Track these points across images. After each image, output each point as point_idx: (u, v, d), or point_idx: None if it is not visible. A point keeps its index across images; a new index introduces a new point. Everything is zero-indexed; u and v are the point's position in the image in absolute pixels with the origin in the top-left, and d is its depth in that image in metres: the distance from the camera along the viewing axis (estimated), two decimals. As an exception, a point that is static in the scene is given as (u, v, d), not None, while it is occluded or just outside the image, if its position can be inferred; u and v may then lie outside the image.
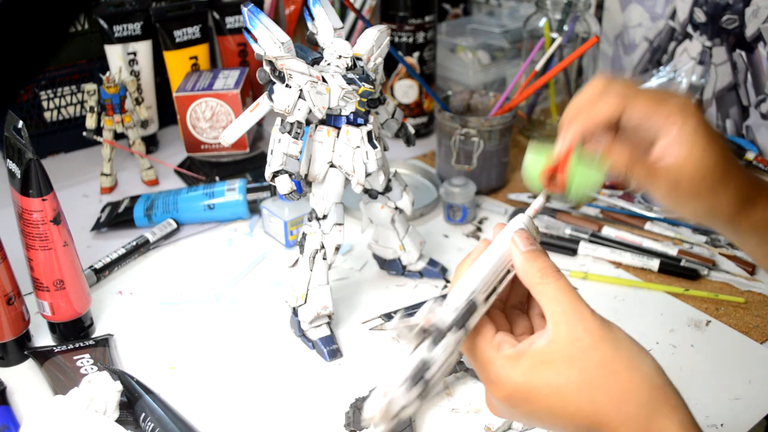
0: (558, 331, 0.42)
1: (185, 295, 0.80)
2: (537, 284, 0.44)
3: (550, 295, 0.43)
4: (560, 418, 0.42)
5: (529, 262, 0.45)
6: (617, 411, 0.41)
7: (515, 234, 0.46)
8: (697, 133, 0.47)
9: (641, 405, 0.40)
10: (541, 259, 0.45)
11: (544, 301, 0.44)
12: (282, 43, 0.63)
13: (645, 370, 0.41)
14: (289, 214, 0.86)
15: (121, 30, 1.02)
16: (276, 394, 0.67)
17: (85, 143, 1.10)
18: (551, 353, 0.42)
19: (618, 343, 0.42)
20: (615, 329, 0.43)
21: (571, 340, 0.42)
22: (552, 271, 0.44)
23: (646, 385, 0.41)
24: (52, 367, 0.68)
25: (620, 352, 0.41)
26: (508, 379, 0.43)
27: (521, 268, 0.45)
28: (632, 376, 0.41)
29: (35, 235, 0.67)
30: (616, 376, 0.41)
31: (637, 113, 0.48)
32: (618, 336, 0.42)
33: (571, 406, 0.42)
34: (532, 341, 0.44)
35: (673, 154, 0.47)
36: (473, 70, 1.17)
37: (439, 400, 0.66)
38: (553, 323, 0.43)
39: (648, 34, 1.12)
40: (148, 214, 0.91)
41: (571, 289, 0.43)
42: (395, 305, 0.76)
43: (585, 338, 0.42)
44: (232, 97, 0.96)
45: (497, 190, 1.00)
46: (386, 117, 0.74)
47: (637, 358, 0.42)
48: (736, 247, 0.84)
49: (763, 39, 0.96)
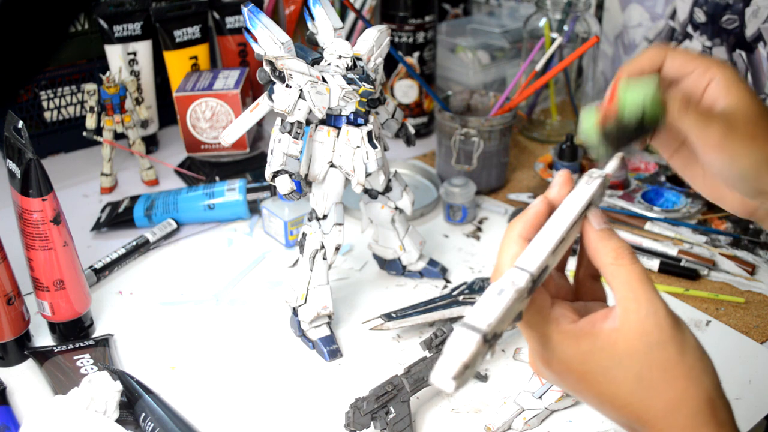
0: (627, 320, 0.40)
1: (185, 295, 0.80)
2: (610, 265, 0.42)
3: (622, 278, 0.41)
4: (607, 405, 0.41)
5: (604, 241, 0.43)
6: (665, 416, 0.40)
7: (588, 212, 0.44)
8: (740, 80, 0.46)
9: (690, 416, 0.39)
10: (615, 238, 0.43)
11: (616, 284, 0.41)
12: (282, 43, 0.63)
13: (704, 381, 0.40)
14: (289, 214, 0.86)
15: (121, 30, 1.02)
16: (276, 394, 0.67)
17: (85, 143, 1.10)
18: (615, 342, 0.40)
19: (685, 347, 0.40)
20: (685, 331, 0.41)
21: (639, 333, 0.40)
22: (627, 253, 0.42)
23: (701, 398, 0.40)
24: (52, 367, 0.68)
25: (685, 357, 0.40)
26: (564, 357, 0.42)
27: (595, 246, 0.43)
28: (689, 385, 0.40)
29: (35, 235, 0.67)
30: (674, 382, 0.40)
31: (677, 61, 0.47)
32: (687, 339, 0.41)
33: (622, 399, 0.41)
34: (595, 322, 0.42)
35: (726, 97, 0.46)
36: (473, 70, 1.17)
37: (439, 400, 0.66)
38: (623, 310, 0.41)
39: (648, 34, 1.12)
40: (148, 214, 0.91)
41: (647, 276, 0.41)
42: (395, 305, 0.76)
43: (654, 334, 0.40)
44: (232, 97, 0.96)
45: (497, 190, 1.00)
46: (386, 117, 0.74)
47: (699, 368, 0.40)
48: (736, 247, 0.84)
49: (763, 39, 0.96)
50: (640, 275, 0.41)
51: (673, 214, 0.89)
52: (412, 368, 0.63)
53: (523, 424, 0.62)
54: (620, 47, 1.18)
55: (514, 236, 0.43)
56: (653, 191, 0.93)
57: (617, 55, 1.19)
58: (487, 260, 0.85)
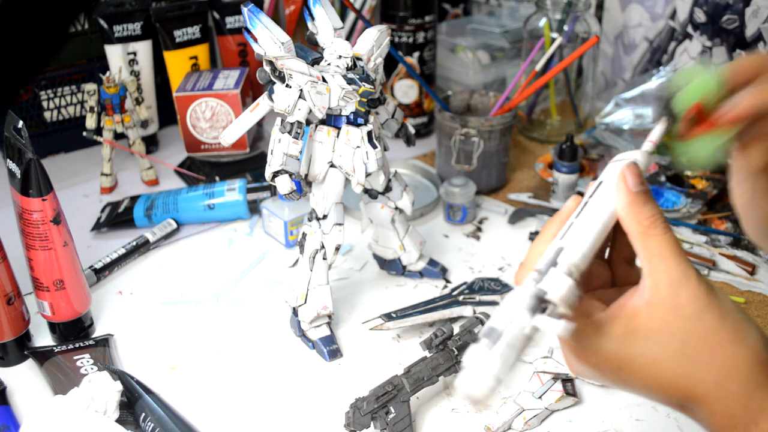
0: (659, 294, 0.38)
1: (185, 295, 0.80)
2: (641, 234, 0.39)
3: (654, 249, 0.39)
4: (652, 389, 0.40)
5: (638, 206, 0.40)
6: (716, 387, 0.38)
7: (626, 168, 0.41)
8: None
9: (743, 381, 0.37)
10: (650, 204, 0.40)
11: (648, 255, 0.39)
12: (282, 43, 0.63)
13: (750, 343, 0.38)
14: (289, 214, 0.86)
15: (121, 30, 1.02)
16: (276, 394, 0.67)
17: (85, 143, 1.10)
18: (648, 319, 0.38)
19: (724, 313, 0.38)
20: (721, 296, 0.39)
21: (673, 307, 0.38)
22: (661, 221, 0.39)
23: (751, 361, 0.38)
24: (52, 367, 0.68)
25: (725, 323, 0.38)
26: (599, 348, 0.39)
27: (627, 211, 0.40)
28: (737, 350, 0.38)
29: (35, 235, 0.67)
30: (719, 350, 0.38)
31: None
32: (724, 304, 0.39)
33: (667, 379, 0.39)
34: (624, 304, 0.40)
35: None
36: (473, 70, 1.17)
37: (439, 400, 0.66)
38: (653, 283, 0.39)
39: (648, 34, 1.12)
40: (148, 214, 0.91)
41: (679, 246, 0.39)
42: (395, 305, 0.76)
43: (689, 306, 0.38)
44: (232, 97, 0.96)
45: (497, 190, 1.00)
46: (386, 117, 0.74)
47: (742, 330, 0.38)
48: (736, 247, 0.84)
49: (763, 39, 0.96)
50: (673, 244, 0.39)
51: (673, 214, 0.89)
52: (412, 368, 0.63)
53: (523, 424, 0.62)
54: (620, 47, 1.18)
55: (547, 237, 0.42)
56: (653, 191, 0.93)
57: (617, 55, 1.19)
58: (487, 260, 0.85)
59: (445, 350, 0.64)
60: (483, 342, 0.37)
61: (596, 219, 0.41)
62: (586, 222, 0.41)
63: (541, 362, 0.66)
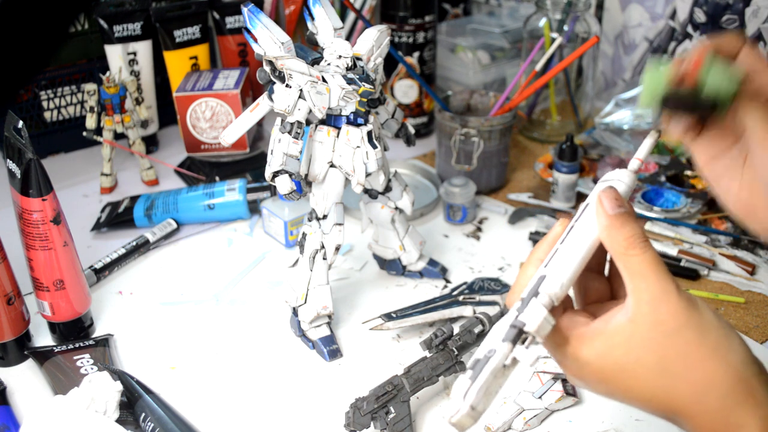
0: (640, 311, 0.39)
1: (185, 295, 0.80)
2: (622, 255, 0.41)
3: (635, 268, 0.40)
4: (637, 400, 0.41)
5: (616, 229, 0.41)
6: (696, 402, 0.39)
7: (602, 193, 0.42)
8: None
9: (722, 397, 0.38)
10: (629, 225, 0.41)
11: (628, 275, 0.40)
12: (282, 43, 0.63)
13: (731, 359, 0.39)
14: (289, 214, 0.86)
15: (121, 30, 1.02)
16: (276, 394, 0.67)
17: (85, 143, 1.10)
18: (630, 335, 0.39)
19: (704, 328, 0.39)
20: (703, 311, 0.40)
21: (653, 323, 0.39)
22: (640, 240, 0.41)
23: (730, 377, 0.38)
24: (52, 367, 0.68)
25: (706, 339, 0.39)
26: (585, 361, 0.41)
27: (606, 233, 0.42)
28: (716, 366, 0.38)
29: (35, 235, 0.67)
30: (698, 365, 0.38)
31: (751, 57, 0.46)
32: (705, 320, 0.39)
33: (648, 393, 0.40)
34: (609, 319, 0.41)
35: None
36: (473, 70, 1.17)
37: (439, 400, 0.66)
38: (635, 301, 0.40)
39: (648, 34, 1.12)
40: (148, 214, 0.91)
41: (659, 262, 0.40)
42: (395, 305, 0.76)
43: (669, 322, 0.39)
44: (232, 97, 0.96)
45: (497, 190, 1.00)
46: (386, 117, 0.74)
47: (723, 346, 0.39)
48: (736, 247, 0.84)
49: (763, 39, 0.96)
50: (652, 263, 0.40)
51: (673, 214, 0.89)
52: (412, 368, 0.63)
53: (523, 424, 0.62)
54: (620, 47, 1.18)
55: (534, 260, 0.44)
56: (653, 191, 0.93)
57: (617, 55, 1.19)
58: (487, 260, 0.85)
59: (445, 350, 0.64)
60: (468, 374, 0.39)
61: (579, 244, 0.43)
62: (570, 248, 0.43)
63: (541, 362, 0.66)
